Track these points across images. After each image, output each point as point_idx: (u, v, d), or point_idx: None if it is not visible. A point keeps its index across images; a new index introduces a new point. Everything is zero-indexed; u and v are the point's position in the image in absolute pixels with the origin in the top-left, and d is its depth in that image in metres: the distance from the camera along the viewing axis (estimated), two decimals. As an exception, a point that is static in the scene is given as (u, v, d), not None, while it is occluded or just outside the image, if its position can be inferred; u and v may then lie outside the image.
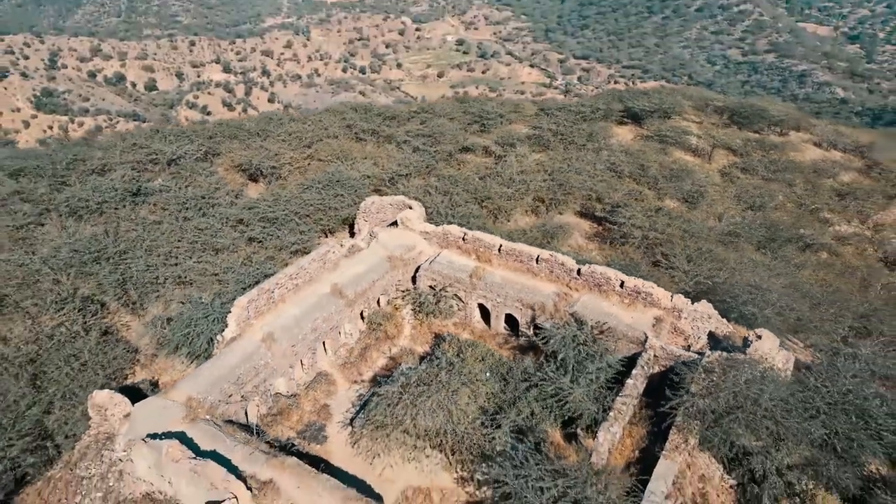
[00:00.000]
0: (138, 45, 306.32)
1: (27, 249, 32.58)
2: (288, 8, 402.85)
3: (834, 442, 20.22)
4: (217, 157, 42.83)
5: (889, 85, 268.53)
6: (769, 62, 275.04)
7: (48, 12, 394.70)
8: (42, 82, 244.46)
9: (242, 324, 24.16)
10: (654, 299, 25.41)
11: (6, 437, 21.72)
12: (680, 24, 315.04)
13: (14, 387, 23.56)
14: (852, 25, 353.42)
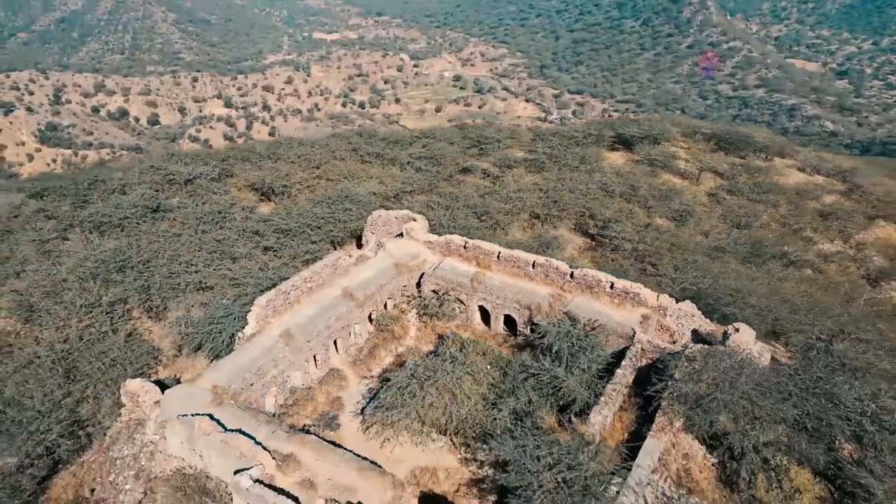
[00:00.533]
0: (141, 81, 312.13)
1: (53, 261, 34.70)
2: (288, 45, 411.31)
3: (805, 422, 22.14)
4: (230, 178, 45.34)
5: (877, 118, 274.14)
6: (759, 97, 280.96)
7: (53, 50, 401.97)
8: (47, 117, 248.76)
9: (261, 322, 26.17)
10: (642, 299, 27.53)
11: (45, 423, 23.53)
12: (672, 61, 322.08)
13: (50, 379, 25.47)
14: (840, 62, 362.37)
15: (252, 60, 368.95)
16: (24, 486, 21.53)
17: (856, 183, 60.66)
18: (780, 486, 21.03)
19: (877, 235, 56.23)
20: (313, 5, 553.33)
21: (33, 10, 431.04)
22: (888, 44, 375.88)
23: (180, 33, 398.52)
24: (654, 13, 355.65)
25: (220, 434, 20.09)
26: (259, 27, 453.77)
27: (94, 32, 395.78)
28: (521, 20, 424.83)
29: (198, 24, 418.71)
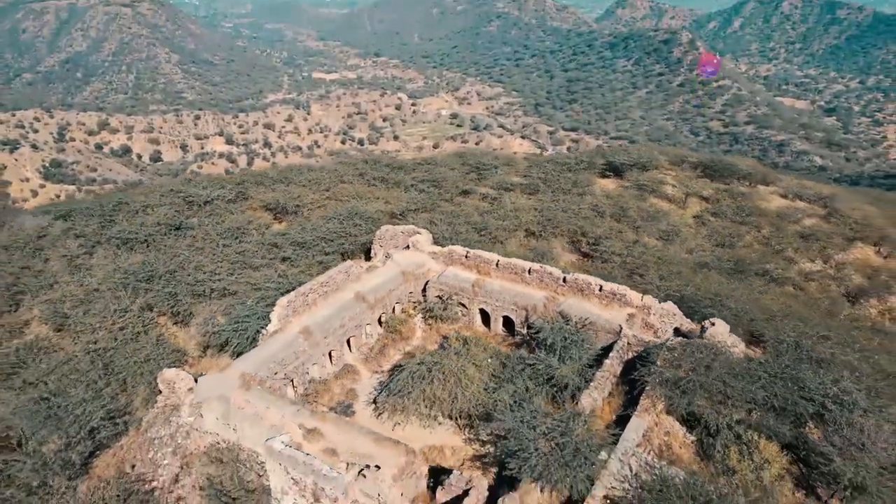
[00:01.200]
0: (144, 120, 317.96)
1: (84, 274, 37.47)
2: (289, 85, 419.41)
3: (773, 402, 24.74)
4: (245, 200, 48.45)
5: (865, 153, 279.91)
6: (749, 133, 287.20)
7: (57, 89, 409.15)
8: (51, 153, 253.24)
9: (283, 320, 28.88)
10: (628, 300, 30.36)
11: (88, 409, 26.01)
12: (663, 98, 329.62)
13: (91, 371, 28.04)
14: (828, 99, 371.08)
15: (253, 99, 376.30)
16: (73, 461, 23.89)
17: (835, 207, 63.81)
18: (751, 457, 23.54)
19: (855, 256, 59.20)
20: (312, 47, 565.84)
21: (38, 51, 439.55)
22: (874, 82, 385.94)
23: (183, 73, 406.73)
24: (645, 53, 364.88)
25: (252, 407, 22.66)
26: (260, 67, 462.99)
27: (98, 73, 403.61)
28: (516, 60, 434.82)
29: (200, 65, 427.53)
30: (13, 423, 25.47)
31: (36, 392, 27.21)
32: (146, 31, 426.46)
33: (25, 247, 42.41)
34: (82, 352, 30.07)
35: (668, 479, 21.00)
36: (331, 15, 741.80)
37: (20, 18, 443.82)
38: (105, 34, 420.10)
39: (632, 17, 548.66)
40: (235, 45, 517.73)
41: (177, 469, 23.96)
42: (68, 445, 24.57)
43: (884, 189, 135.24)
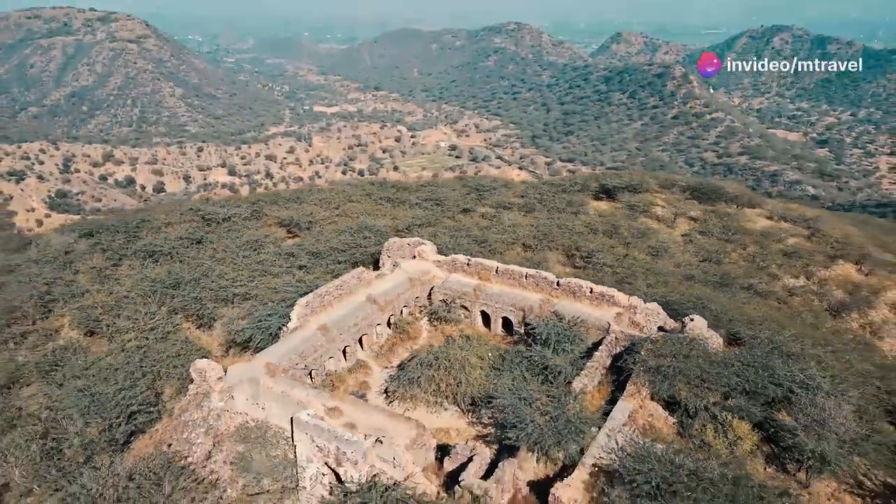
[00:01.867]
0: (148, 151, 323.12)
1: (113, 283, 40.41)
2: (290, 118, 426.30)
3: (745, 385, 27.53)
4: (260, 218, 51.64)
5: (857, 183, 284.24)
6: (742, 163, 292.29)
7: (62, 122, 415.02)
8: (57, 184, 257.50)
9: (302, 318, 31.76)
10: (616, 300, 33.31)
11: (127, 396, 28.76)
12: (658, 130, 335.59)
13: (128, 365, 30.83)
14: (821, 131, 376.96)
15: (255, 132, 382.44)
16: (117, 439, 26.59)
17: (817, 227, 67.03)
18: (725, 435, 26.30)
19: (837, 273, 62.26)
20: (313, 81, 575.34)
21: (45, 85, 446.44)
22: (865, 115, 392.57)
23: (186, 107, 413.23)
24: (639, 87, 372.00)
25: (280, 387, 25.45)
26: (262, 101, 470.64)
27: (103, 106, 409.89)
28: (514, 94, 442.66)
29: (203, 99, 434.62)
30: (60, 408, 28.20)
31: (78, 384, 29.94)
32: (151, 65, 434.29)
33: (55, 261, 45.42)
34: (117, 349, 32.83)
35: (650, 450, 23.68)
36: (331, 50, 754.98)
37: (28, 54, 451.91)
38: (111, 69, 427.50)
39: (626, 52, 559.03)
40: (238, 80, 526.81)
41: (209, 447, 26.60)
42: (111, 427, 27.27)
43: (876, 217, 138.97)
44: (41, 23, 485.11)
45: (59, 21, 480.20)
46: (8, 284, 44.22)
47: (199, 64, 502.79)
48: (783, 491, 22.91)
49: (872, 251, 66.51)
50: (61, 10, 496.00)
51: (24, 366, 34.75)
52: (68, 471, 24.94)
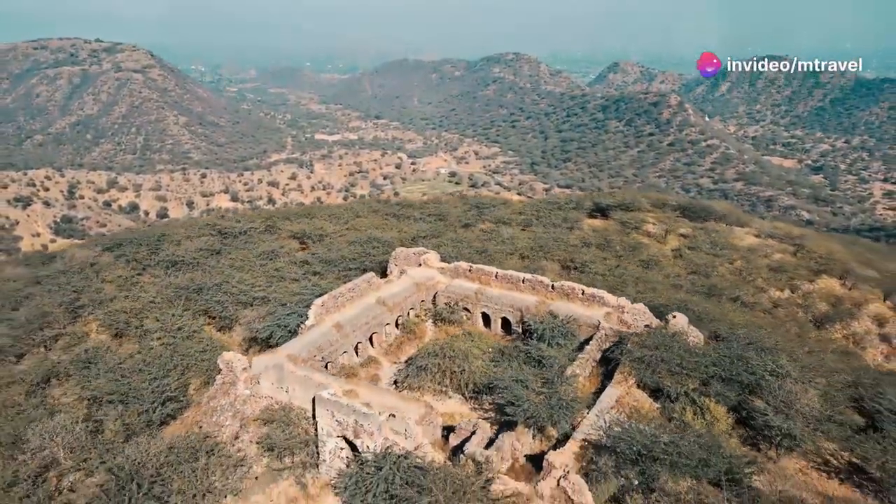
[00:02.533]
0: (152, 178, 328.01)
1: (138, 290, 43.43)
2: (292, 145, 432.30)
3: (721, 373, 30.42)
4: (274, 232, 54.81)
5: (851, 208, 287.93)
6: (738, 189, 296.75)
7: (66, 150, 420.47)
8: (62, 210, 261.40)
9: (318, 317, 34.74)
10: (606, 301, 36.34)
11: (162, 384, 31.62)
12: (654, 157, 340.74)
13: (162, 356, 33.74)
14: (815, 158, 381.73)
15: (257, 159, 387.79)
16: (153, 420, 29.42)
17: (802, 244, 70.15)
18: (703, 416, 29.09)
19: (821, 287, 65.17)
20: (315, 110, 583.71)
21: (50, 114, 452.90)
22: (859, 142, 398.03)
23: (190, 135, 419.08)
24: (636, 114, 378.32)
25: (302, 372, 28.35)
26: (264, 129, 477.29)
27: (107, 134, 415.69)
28: (513, 122, 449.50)
29: (207, 127, 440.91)
30: (100, 395, 31.06)
31: (115, 375, 32.82)
32: (156, 94, 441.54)
33: (81, 272, 48.47)
34: (146, 347, 35.75)
35: (634, 426, 26.52)
36: (332, 80, 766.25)
37: (35, 83, 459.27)
38: (116, 98, 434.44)
39: (623, 81, 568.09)
40: (240, 108, 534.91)
41: (237, 428, 29.39)
42: (147, 411, 30.13)
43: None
44: (48, 53, 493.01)
45: (65, 52, 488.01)
46: (38, 293, 47.34)
47: (203, 93, 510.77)
48: (751, 460, 25.73)
49: (856, 267, 69.52)
50: (68, 41, 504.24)
51: (58, 364, 37.58)
52: (111, 448, 27.68)
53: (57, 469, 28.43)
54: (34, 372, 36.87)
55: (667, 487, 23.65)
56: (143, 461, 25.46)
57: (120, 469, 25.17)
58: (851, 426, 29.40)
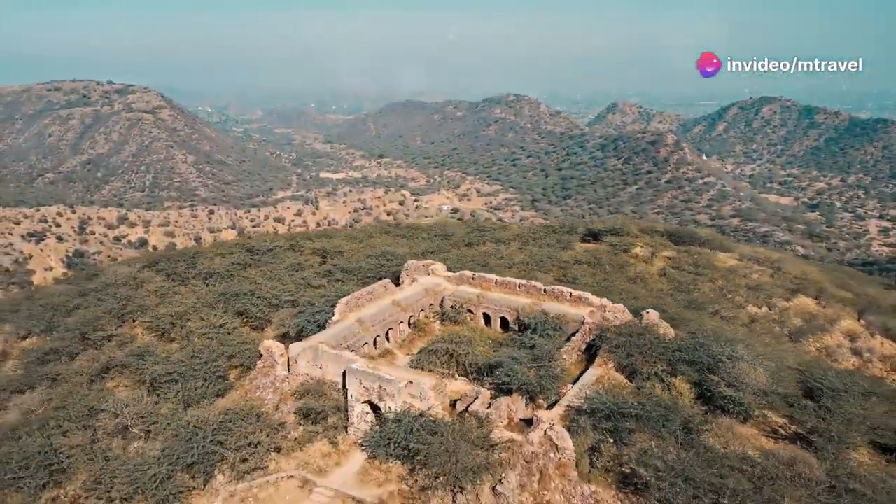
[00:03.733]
0: (161, 214, 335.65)
1: (181, 297, 49.30)
2: (297, 183, 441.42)
3: (685, 356, 36.00)
4: (297, 250, 60.95)
5: (845, 244, 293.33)
6: (734, 225, 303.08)
7: (77, 188, 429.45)
8: (75, 244, 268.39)
9: (342, 314, 40.52)
10: (590, 301, 42.15)
11: (215, 365, 37.28)
12: (653, 194, 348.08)
13: (210, 346, 39.45)
14: (811, 196, 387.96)
15: (264, 196, 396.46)
16: (207, 394, 35.03)
17: (779, 267, 76.01)
18: (670, 391, 34.58)
19: (796, 304, 70.77)
20: (320, 149, 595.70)
21: (62, 153, 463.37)
22: (855, 180, 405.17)
23: (198, 172, 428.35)
24: (634, 153, 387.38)
25: (333, 351, 34.05)
26: (270, 167, 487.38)
27: (118, 172, 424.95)
28: (514, 160, 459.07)
29: (214, 165, 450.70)
30: (161, 374, 36.73)
31: (170, 361, 38.53)
32: (165, 134, 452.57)
33: (125, 284, 54.41)
34: (191, 343, 41.46)
35: (608, 394, 32.09)
36: (337, 120, 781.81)
37: (47, 123, 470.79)
38: (126, 137, 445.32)
39: (622, 121, 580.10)
40: (247, 147, 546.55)
41: (277, 401, 34.95)
42: (202, 385, 35.80)
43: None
44: (61, 95, 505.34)
45: (78, 93, 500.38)
46: (86, 304, 53.28)
47: (211, 132, 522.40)
48: (705, 419, 31.21)
49: (830, 288, 75.19)
50: (80, 83, 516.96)
51: (112, 359, 43.16)
52: (174, 415, 33.23)
53: (127, 437, 33.89)
54: (93, 365, 42.56)
55: (633, 438, 29.12)
56: (204, 421, 31.01)
57: (183, 428, 30.72)
58: (795, 398, 34.87)
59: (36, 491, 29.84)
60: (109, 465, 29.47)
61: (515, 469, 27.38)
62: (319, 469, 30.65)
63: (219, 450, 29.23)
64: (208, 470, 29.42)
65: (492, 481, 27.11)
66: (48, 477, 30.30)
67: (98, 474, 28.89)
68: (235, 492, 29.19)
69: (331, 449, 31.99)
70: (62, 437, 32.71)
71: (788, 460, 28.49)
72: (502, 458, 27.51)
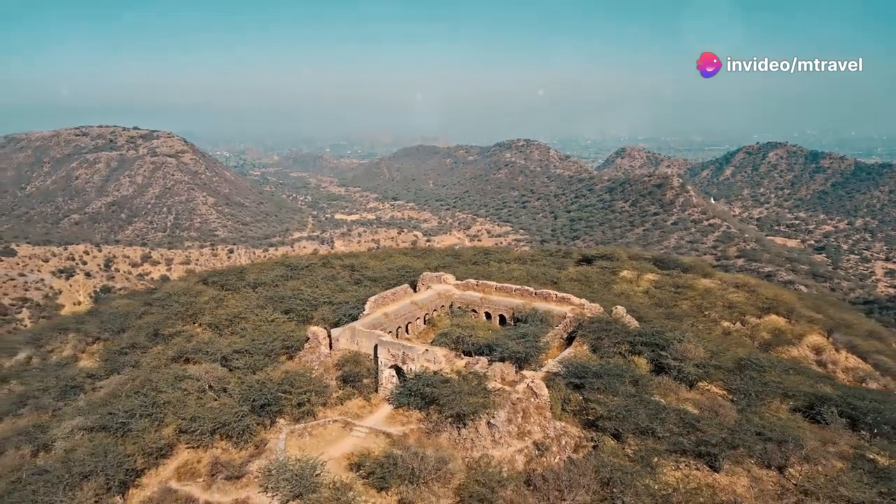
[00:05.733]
0: (183, 253, 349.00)
1: (234, 302, 59.50)
2: (313, 224, 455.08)
3: (643, 339, 45.49)
4: (329, 266, 71.39)
5: (849, 284, 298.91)
6: (739, 265, 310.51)
7: (101, 228, 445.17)
8: (102, 280, 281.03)
9: (372, 309, 50.49)
10: (571, 301, 51.97)
11: (269, 345, 47.25)
12: (659, 235, 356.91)
13: (266, 331, 49.50)
14: (818, 239, 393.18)
15: (280, 236, 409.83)
16: (270, 362, 45.01)
17: (753, 289, 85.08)
18: (629, 364, 44.02)
19: (766, 321, 79.63)
20: (335, 192, 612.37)
21: (88, 195, 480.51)
22: (861, 224, 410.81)
23: (217, 214, 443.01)
24: (641, 195, 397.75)
25: (367, 330, 43.98)
26: (286, 209, 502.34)
27: (141, 213, 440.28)
28: (523, 202, 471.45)
29: (233, 206, 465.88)
30: (228, 355, 46.78)
31: (235, 344, 48.66)
32: (187, 177, 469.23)
33: (184, 294, 64.80)
34: (247, 334, 51.53)
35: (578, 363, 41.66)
36: (351, 165, 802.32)
37: (74, 167, 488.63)
38: (150, 180, 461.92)
39: (630, 165, 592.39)
40: (264, 190, 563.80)
41: (322, 372, 44.70)
42: (266, 356, 45.82)
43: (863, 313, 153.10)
44: (88, 140, 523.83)
45: (105, 138, 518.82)
46: (151, 311, 63.69)
47: (230, 175, 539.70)
48: (651, 379, 40.61)
49: (803, 310, 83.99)
50: (107, 129, 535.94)
51: (183, 348, 53.13)
52: (245, 378, 43.10)
53: (208, 395, 43.65)
54: (166, 352, 52.63)
55: (595, 393, 38.60)
56: (269, 380, 40.86)
57: (256, 383, 40.57)
58: (729, 371, 44.20)
59: (140, 434, 39.37)
60: (199, 410, 39.20)
61: (504, 408, 36.87)
62: (357, 415, 40.32)
63: (283, 396, 38.97)
64: (273, 414, 39.15)
65: (487, 417, 36.57)
66: (149, 423, 39.96)
67: (192, 415, 38.61)
68: (294, 430, 38.79)
69: (365, 403, 41.67)
70: (157, 394, 42.50)
71: (711, 406, 37.96)
72: (495, 401, 37.01)
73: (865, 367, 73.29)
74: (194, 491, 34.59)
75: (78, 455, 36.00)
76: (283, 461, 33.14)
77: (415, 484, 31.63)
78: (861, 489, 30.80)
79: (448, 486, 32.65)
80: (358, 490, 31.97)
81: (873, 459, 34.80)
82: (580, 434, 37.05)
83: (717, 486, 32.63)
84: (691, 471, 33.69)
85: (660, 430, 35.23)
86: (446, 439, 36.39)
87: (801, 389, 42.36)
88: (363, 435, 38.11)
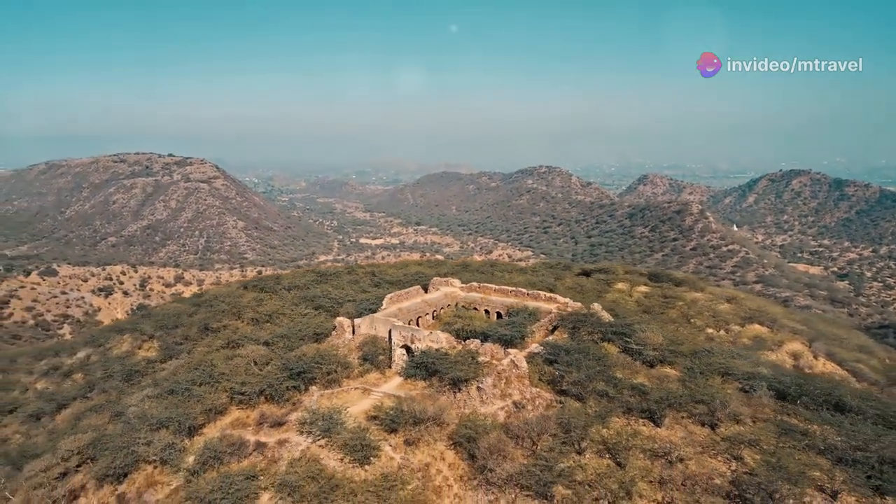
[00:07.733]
0: (213, 274, 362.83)
1: (272, 302, 69.67)
2: (338, 248, 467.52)
3: (613, 329, 54.32)
4: (353, 273, 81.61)
5: (867, 310, 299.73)
6: (757, 290, 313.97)
7: (136, 251, 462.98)
8: (138, 299, 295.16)
9: (388, 304, 60.14)
10: (558, 300, 61.15)
11: (304, 331, 57.08)
12: (678, 260, 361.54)
13: (304, 320, 59.40)
14: (841, 266, 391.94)
15: (307, 259, 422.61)
16: (306, 342, 54.85)
17: (737, 302, 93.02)
18: (599, 349, 52.87)
19: (749, 329, 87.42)
20: (359, 217, 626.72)
21: (124, 219, 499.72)
22: (886, 251, 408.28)
23: (246, 237, 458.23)
24: (660, 221, 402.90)
25: (383, 318, 53.65)
26: (313, 234, 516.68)
27: (174, 236, 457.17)
28: (545, 228, 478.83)
29: (262, 230, 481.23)
30: (271, 340, 56.70)
31: (275, 332, 58.61)
32: (218, 202, 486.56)
33: (230, 295, 75.19)
34: (285, 325, 61.49)
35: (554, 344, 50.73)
36: (376, 191, 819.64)
37: (112, 192, 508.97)
38: (184, 205, 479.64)
39: (652, 192, 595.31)
40: (291, 215, 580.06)
41: (346, 352, 54.33)
42: (302, 338, 55.63)
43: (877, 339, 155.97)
44: (125, 166, 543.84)
45: (141, 164, 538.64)
46: (200, 311, 74.12)
47: (259, 200, 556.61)
48: (616, 357, 49.46)
49: (787, 322, 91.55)
50: (143, 156, 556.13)
51: (231, 337, 63.14)
52: (284, 355, 52.87)
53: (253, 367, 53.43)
54: (216, 341, 62.72)
55: (564, 369, 47.61)
56: (304, 354, 50.61)
57: (291, 359, 50.33)
58: (685, 354, 52.83)
59: (201, 396, 49.15)
60: (247, 378, 49.04)
61: (491, 377, 46.07)
62: (374, 384, 49.86)
63: (316, 366, 48.72)
64: (308, 380, 48.84)
65: (477, 383, 45.76)
66: (208, 389, 49.84)
67: (243, 380, 48.47)
68: (324, 394, 48.37)
69: (380, 375, 51.20)
70: (213, 367, 52.47)
71: (660, 377, 46.79)
72: (484, 371, 46.25)
73: (841, 373, 79.67)
74: (245, 434, 44.27)
75: (152, 411, 45.97)
76: (315, 409, 42.75)
77: (417, 427, 40.93)
78: (769, 439, 39.41)
79: (443, 432, 41.89)
80: (373, 432, 41.37)
81: (787, 421, 43.29)
82: (552, 398, 46.00)
83: (656, 437, 41.35)
84: (639, 426, 42.45)
85: (612, 393, 44.12)
86: (444, 399, 45.64)
87: (741, 369, 50.80)
88: (379, 397, 47.52)
